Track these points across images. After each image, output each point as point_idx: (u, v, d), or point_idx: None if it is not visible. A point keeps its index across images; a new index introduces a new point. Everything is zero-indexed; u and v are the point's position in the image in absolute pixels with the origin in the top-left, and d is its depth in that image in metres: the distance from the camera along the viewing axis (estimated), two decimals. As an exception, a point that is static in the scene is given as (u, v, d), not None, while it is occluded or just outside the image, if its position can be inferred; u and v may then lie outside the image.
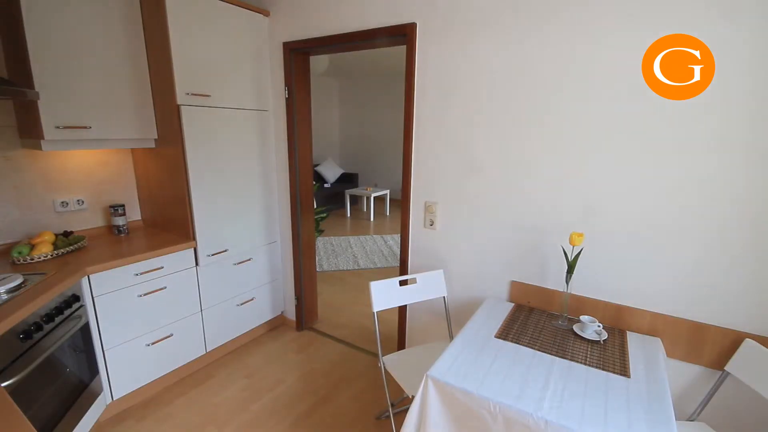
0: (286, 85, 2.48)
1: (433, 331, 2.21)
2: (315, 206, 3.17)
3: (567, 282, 1.59)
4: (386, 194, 6.92)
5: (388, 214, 6.90)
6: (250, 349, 2.64)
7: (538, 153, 1.69)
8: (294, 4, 2.32)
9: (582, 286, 1.67)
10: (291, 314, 2.92)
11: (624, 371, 1.30)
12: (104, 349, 1.87)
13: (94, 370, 1.82)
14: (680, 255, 1.47)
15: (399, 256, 2.27)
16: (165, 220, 2.35)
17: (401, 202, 2.17)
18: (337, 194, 6.92)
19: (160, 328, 2.09)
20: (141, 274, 1.95)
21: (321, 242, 5.04)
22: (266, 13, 2.42)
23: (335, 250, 4.79)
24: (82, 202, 2.20)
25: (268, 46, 2.49)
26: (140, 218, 2.49)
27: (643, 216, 1.51)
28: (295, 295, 2.84)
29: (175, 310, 2.16)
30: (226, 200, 2.35)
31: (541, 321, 1.65)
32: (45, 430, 1.48)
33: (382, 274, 4.05)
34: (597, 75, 1.51)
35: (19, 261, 1.76)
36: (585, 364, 1.34)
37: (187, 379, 2.31)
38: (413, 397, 1.34)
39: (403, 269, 2.23)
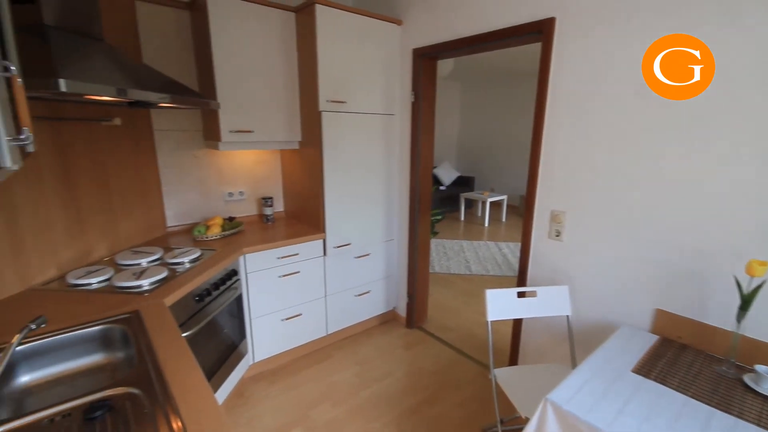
0: (413, 89, 2.57)
1: (551, 352, 2.03)
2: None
3: (739, 320, 1.29)
4: (503, 200, 6.61)
5: (504, 220, 6.59)
6: (362, 338, 2.82)
7: (701, 162, 1.41)
8: (426, 11, 2.39)
9: (759, 326, 1.34)
10: (402, 311, 3.02)
11: (823, 447, 1.00)
12: (251, 317, 2.22)
13: (242, 335, 2.18)
14: None
15: (515, 266, 2.16)
16: (301, 212, 2.67)
17: (524, 209, 2.05)
18: (451, 197, 6.88)
19: (292, 307, 2.39)
20: (281, 258, 2.27)
21: (433, 244, 5.08)
22: (399, 23, 2.55)
23: (447, 253, 4.78)
24: (243, 193, 2.65)
25: (399, 53, 2.61)
26: (283, 210, 2.88)
27: None
28: (408, 293, 2.93)
29: (304, 293, 2.44)
30: (352, 197, 2.55)
31: (696, 362, 1.38)
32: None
33: (495, 282, 3.88)
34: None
35: (197, 238, 2.22)
36: (758, 425, 1.07)
37: (309, 355, 2.59)
38: (527, 418, 1.26)
39: (522, 280, 2.10)
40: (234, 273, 2.05)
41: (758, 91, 1.27)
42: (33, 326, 1.01)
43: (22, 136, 0.85)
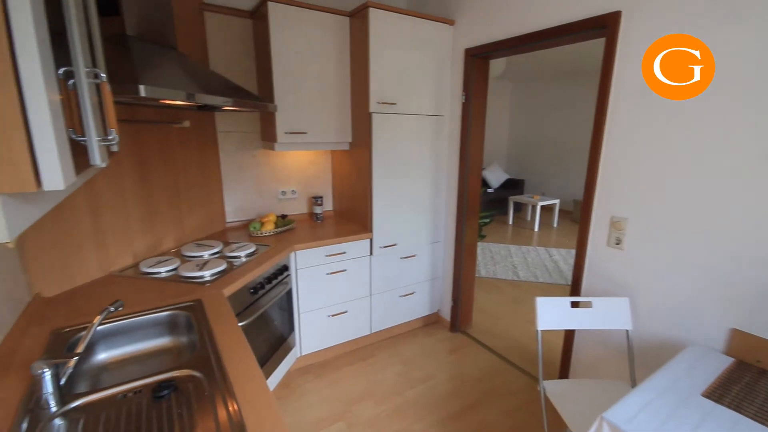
0: (464, 90, 2.53)
1: (606, 367, 1.91)
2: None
3: (835, 347, 1.14)
4: (555, 204, 6.30)
5: (555, 225, 6.29)
6: (405, 339, 2.82)
7: (798, 166, 1.26)
8: (479, 9, 2.34)
9: None
10: (446, 314, 2.98)
11: None
12: (300, 312, 2.31)
13: (291, 328, 2.27)
14: None
15: (566, 274, 2.06)
16: (349, 211, 2.73)
17: (581, 214, 1.95)
18: (499, 200, 6.68)
19: (338, 304, 2.45)
20: (329, 255, 2.33)
21: (480, 247, 4.96)
22: (451, 23, 2.52)
23: (494, 258, 4.64)
24: (295, 192, 2.76)
25: (450, 54, 2.58)
26: (332, 209, 2.96)
27: None
28: (452, 296, 2.89)
29: (350, 291, 2.49)
30: (399, 198, 2.56)
31: (779, 391, 1.23)
32: (258, 366, 1.92)
33: (544, 290, 3.72)
34: None
35: (253, 234, 2.34)
36: None
37: (354, 352, 2.63)
38: (580, 434, 1.20)
39: (575, 289, 2.00)
40: (285, 268, 2.14)
41: None
42: (112, 309, 1.12)
43: (109, 137, 0.94)
